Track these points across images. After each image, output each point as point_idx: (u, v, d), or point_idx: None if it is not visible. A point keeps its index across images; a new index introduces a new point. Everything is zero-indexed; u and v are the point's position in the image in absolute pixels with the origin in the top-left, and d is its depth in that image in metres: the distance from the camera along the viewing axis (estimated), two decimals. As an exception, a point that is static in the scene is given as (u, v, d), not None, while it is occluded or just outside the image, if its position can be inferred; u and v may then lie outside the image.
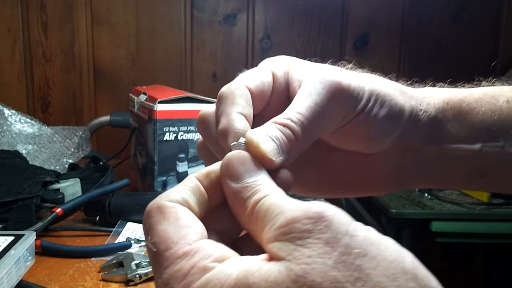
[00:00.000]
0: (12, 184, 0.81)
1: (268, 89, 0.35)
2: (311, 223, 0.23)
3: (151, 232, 0.25)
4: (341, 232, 0.23)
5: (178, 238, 0.25)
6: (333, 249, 0.22)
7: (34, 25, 1.71)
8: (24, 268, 0.58)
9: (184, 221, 0.26)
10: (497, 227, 1.41)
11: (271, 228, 0.24)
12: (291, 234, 0.23)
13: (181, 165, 0.90)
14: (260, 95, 0.34)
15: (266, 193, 0.26)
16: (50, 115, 1.77)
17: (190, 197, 0.28)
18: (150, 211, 0.26)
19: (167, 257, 0.24)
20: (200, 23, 1.75)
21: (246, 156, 0.28)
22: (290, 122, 0.31)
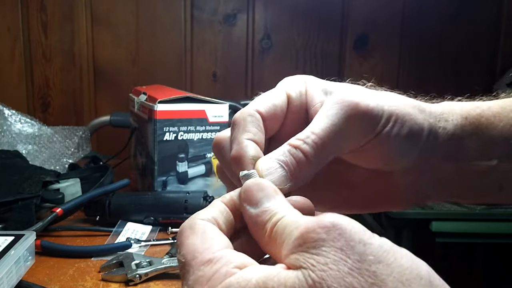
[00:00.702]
0: (12, 184, 0.81)
1: (281, 111, 0.36)
2: (325, 232, 0.23)
3: (181, 246, 0.27)
4: (354, 240, 0.23)
5: (204, 248, 0.26)
6: (347, 256, 0.22)
7: (34, 25, 1.71)
8: (24, 268, 0.58)
9: (210, 233, 0.27)
10: (497, 227, 1.40)
11: (288, 243, 0.25)
12: (306, 245, 0.24)
13: (181, 165, 0.90)
14: (273, 119, 0.35)
15: (283, 214, 0.27)
16: (50, 115, 1.77)
17: (218, 216, 0.29)
18: (182, 229, 0.28)
19: (193, 265, 0.26)
20: (200, 23, 1.75)
21: (263, 183, 0.30)
22: (302, 143, 0.32)
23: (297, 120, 0.36)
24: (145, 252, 0.72)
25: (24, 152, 1.07)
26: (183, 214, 0.80)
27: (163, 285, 0.63)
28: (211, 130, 0.91)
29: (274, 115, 0.35)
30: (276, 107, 0.35)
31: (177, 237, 0.29)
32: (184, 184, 0.91)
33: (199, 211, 0.29)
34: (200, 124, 0.90)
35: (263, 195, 0.29)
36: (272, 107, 0.35)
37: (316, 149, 0.32)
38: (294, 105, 0.36)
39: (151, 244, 0.75)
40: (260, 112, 0.34)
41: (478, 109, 0.38)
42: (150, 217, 0.81)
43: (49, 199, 0.81)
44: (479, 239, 1.53)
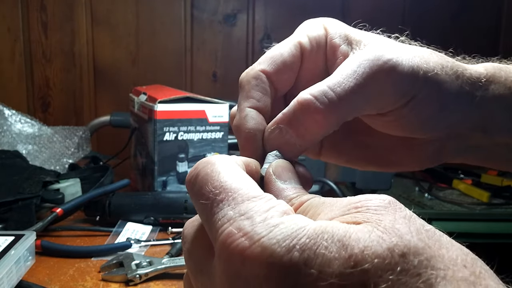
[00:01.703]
0: (12, 184, 0.81)
1: (293, 65, 0.33)
2: (386, 203, 0.23)
3: (217, 174, 0.24)
4: (413, 216, 0.23)
5: (250, 185, 0.24)
6: (411, 223, 0.22)
7: (34, 25, 1.71)
8: (24, 268, 0.58)
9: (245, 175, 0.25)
10: (497, 227, 1.41)
11: (333, 209, 0.23)
12: (366, 207, 0.22)
13: (181, 165, 0.90)
14: (283, 75, 0.33)
15: (313, 195, 0.26)
16: (50, 115, 1.77)
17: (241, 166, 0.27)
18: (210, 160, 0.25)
19: (241, 193, 0.23)
20: (200, 23, 1.75)
21: (293, 168, 0.29)
22: (314, 101, 0.28)
23: (316, 72, 0.33)
24: (145, 252, 0.72)
25: (24, 152, 1.07)
26: (183, 214, 0.80)
27: (163, 285, 0.63)
28: (211, 130, 0.91)
29: (284, 71, 0.32)
30: (286, 62, 0.32)
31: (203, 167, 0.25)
32: (184, 184, 0.91)
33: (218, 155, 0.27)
34: (200, 124, 0.90)
35: (292, 176, 0.28)
36: (281, 63, 0.32)
37: (331, 110, 0.29)
38: (310, 56, 0.33)
39: (151, 244, 0.75)
40: (266, 71, 0.32)
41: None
42: (150, 217, 0.81)
43: (49, 199, 0.81)
44: (479, 239, 1.53)
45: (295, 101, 0.29)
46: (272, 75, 0.32)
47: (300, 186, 0.27)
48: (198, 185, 0.24)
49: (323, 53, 0.33)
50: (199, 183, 0.24)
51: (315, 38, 0.33)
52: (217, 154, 0.90)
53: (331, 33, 0.33)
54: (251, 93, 0.31)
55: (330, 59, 0.33)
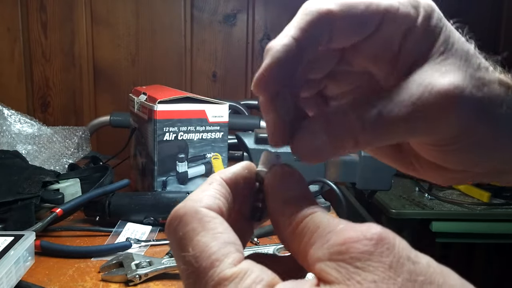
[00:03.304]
0: (12, 184, 0.81)
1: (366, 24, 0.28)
2: (372, 244, 0.21)
3: (189, 242, 0.23)
4: (403, 257, 0.21)
5: (223, 255, 0.22)
6: (396, 275, 0.20)
7: (34, 25, 1.71)
8: (23, 269, 0.58)
9: (226, 236, 0.23)
10: (497, 227, 1.40)
11: (323, 246, 0.22)
12: (349, 254, 0.21)
13: (181, 165, 0.90)
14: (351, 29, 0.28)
15: (313, 210, 0.24)
16: (50, 115, 1.77)
17: (223, 204, 0.25)
18: (184, 216, 0.24)
19: (212, 276, 0.22)
20: (200, 23, 1.75)
21: (292, 171, 0.27)
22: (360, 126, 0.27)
23: (388, 44, 0.29)
24: (145, 252, 0.72)
25: (23, 152, 1.07)
26: (183, 214, 0.80)
27: (163, 285, 0.62)
28: (211, 130, 0.91)
29: (352, 25, 0.28)
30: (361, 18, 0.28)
31: (176, 224, 0.24)
32: (184, 184, 0.91)
33: (200, 194, 0.25)
34: (200, 124, 0.90)
35: (291, 183, 0.26)
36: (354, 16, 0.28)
37: (373, 137, 0.27)
38: (388, 27, 0.28)
39: (151, 244, 0.75)
40: (334, 14, 0.27)
41: None
42: (150, 217, 0.81)
43: (49, 199, 0.81)
44: (479, 239, 1.53)
45: (340, 113, 0.27)
46: (339, 21, 0.28)
47: (300, 195, 0.26)
48: (174, 245, 0.24)
49: (403, 34, 0.28)
50: (173, 243, 0.24)
51: (405, 14, 0.28)
52: (217, 155, 0.90)
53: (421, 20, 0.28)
54: (305, 26, 0.28)
55: (406, 47, 0.29)
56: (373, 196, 1.44)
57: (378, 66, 0.30)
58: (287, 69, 0.28)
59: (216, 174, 0.27)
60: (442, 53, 0.29)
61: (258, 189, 0.28)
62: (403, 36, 0.28)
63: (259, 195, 0.28)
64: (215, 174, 0.27)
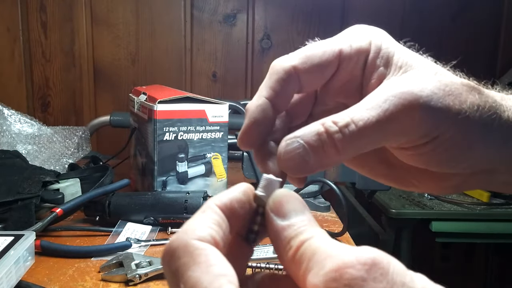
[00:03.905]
0: (12, 184, 0.81)
1: (326, 71, 0.33)
2: (365, 270, 0.21)
3: (181, 278, 0.23)
4: (397, 283, 0.21)
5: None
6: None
7: (34, 25, 1.71)
8: (23, 268, 0.58)
9: (218, 268, 0.23)
10: (497, 227, 1.41)
11: (319, 273, 0.22)
12: (342, 281, 0.21)
13: (181, 165, 0.90)
14: (314, 78, 0.33)
15: (312, 234, 0.25)
16: (50, 115, 1.77)
17: (217, 233, 0.25)
18: (176, 250, 0.24)
19: None
20: (200, 23, 1.75)
21: (293, 195, 0.27)
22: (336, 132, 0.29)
23: (350, 81, 0.33)
24: (145, 252, 0.72)
25: (24, 152, 1.07)
26: (183, 214, 0.80)
27: (163, 285, 0.62)
28: (211, 130, 0.91)
29: (316, 74, 0.33)
30: (321, 66, 0.32)
31: (168, 259, 0.24)
32: (184, 184, 0.91)
33: (193, 225, 0.25)
34: (200, 124, 0.90)
35: (292, 208, 0.26)
36: (315, 66, 0.32)
37: (350, 142, 0.29)
38: (347, 66, 0.33)
39: (151, 244, 0.75)
40: (298, 69, 0.32)
41: None
42: (150, 217, 0.81)
43: (49, 199, 0.81)
44: (479, 239, 1.53)
45: (315, 125, 0.30)
46: (303, 73, 0.32)
47: (300, 218, 0.26)
48: (169, 278, 0.24)
49: (361, 66, 0.33)
50: (168, 277, 0.24)
51: (357, 50, 0.33)
52: (217, 155, 0.90)
53: (373, 50, 0.33)
54: (274, 85, 0.32)
55: (367, 75, 0.33)
56: (373, 196, 1.44)
57: (348, 98, 0.34)
58: (265, 125, 0.32)
59: (211, 200, 0.27)
60: (400, 67, 0.32)
61: (256, 212, 0.28)
62: (362, 67, 0.33)
63: (256, 218, 0.28)
64: (210, 201, 0.27)
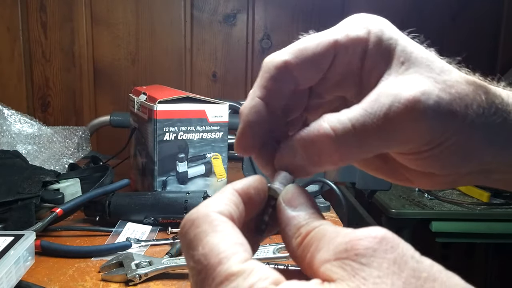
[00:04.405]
0: (12, 184, 0.81)
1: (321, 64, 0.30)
2: (376, 242, 0.22)
3: (199, 242, 0.24)
4: (407, 255, 0.22)
5: (231, 253, 0.23)
6: (401, 270, 0.21)
7: (34, 25, 1.71)
8: (23, 268, 0.58)
9: (235, 237, 0.24)
10: (497, 227, 1.41)
11: (329, 249, 0.23)
12: (354, 251, 0.22)
13: (181, 165, 0.90)
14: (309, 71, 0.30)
15: (321, 223, 0.25)
16: (50, 115, 1.77)
17: (234, 212, 0.26)
18: (196, 220, 0.24)
19: (220, 272, 0.22)
20: (200, 23, 1.75)
21: (304, 191, 0.28)
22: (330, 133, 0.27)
23: (347, 74, 0.31)
24: (145, 252, 0.72)
25: (24, 152, 1.07)
26: (183, 214, 0.80)
27: (163, 285, 0.62)
28: (211, 130, 0.91)
29: (310, 67, 0.30)
30: (315, 59, 0.30)
31: (188, 227, 0.25)
32: (184, 184, 0.91)
33: (213, 200, 0.26)
34: (200, 124, 0.90)
35: (303, 201, 0.27)
36: (309, 59, 0.30)
37: (349, 150, 0.28)
38: (344, 57, 0.30)
39: (151, 244, 0.75)
40: (290, 64, 0.30)
41: None
42: (150, 217, 0.81)
43: (49, 199, 0.81)
44: (479, 239, 1.53)
45: (315, 128, 0.28)
46: (296, 68, 0.30)
47: (310, 211, 0.27)
48: (185, 246, 0.25)
49: (359, 58, 0.30)
50: (184, 244, 0.25)
51: (354, 40, 0.30)
52: (217, 155, 0.90)
53: (372, 41, 0.30)
54: (267, 83, 0.30)
55: (366, 68, 0.30)
56: (373, 196, 1.44)
57: (346, 91, 0.32)
58: (261, 127, 0.30)
59: (229, 185, 0.28)
60: (403, 63, 0.29)
61: (268, 204, 0.29)
62: (361, 58, 0.30)
63: (268, 209, 0.29)
64: (228, 185, 0.28)
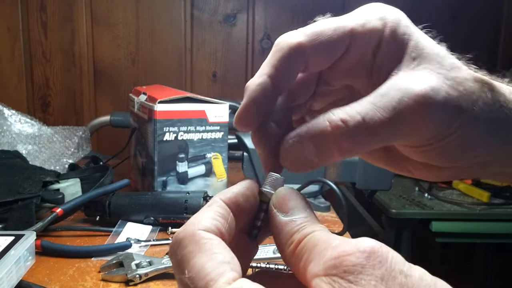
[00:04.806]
0: (12, 184, 0.81)
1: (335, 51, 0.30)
2: (364, 257, 0.21)
3: (186, 265, 0.24)
4: (395, 270, 0.21)
5: (217, 275, 0.23)
6: (388, 287, 0.21)
7: (34, 25, 1.71)
8: (24, 268, 0.58)
9: (222, 256, 0.24)
10: (497, 227, 1.41)
11: (319, 262, 0.23)
12: (342, 268, 0.21)
13: (181, 165, 0.90)
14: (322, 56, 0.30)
15: (313, 229, 0.25)
16: (50, 115, 1.77)
17: (222, 225, 0.26)
18: (183, 240, 0.25)
19: None
20: (200, 23, 1.75)
21: (296, 193, 0.28)
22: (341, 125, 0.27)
23: (360, 62, 0.30)
24: (145, 252, 0.72)
25: (24, 152, 1.07)
26: (183, 214, 0.80)
27: (163, 285, 0.63)
28: (211, 130, 0.91)
29: (324, 52, 0.30)
30: (330, 44, 0.29)
31: (175, 248, 0.25)
32: (184, 184, 0.91)
33: (199, 217, 0.26)
34: (200, 124, 0.90)
35: (295, 205, 0.27)
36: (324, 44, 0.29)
37: (358, 142, 0.28)
38: (358, 47, 0.30)
39: (151, 244, 0.75)
40: (304, 46, 0.29)
41: None
42: (150, 217, 0.81)
43: (49, 199, 0.81)
44: (479, 239, 1.53)
45: (324, 120, 0.28)
46: (310, 51, 0.29)
47: (303, 215, 0.26)
48: (174, 267, 0.25)
49: (373, 49, 0.30)
50: (174, 266, 0.25)
51: (370, 31, 0.30)
52: (217, 155, 0.90)
53: (388, 33, 0.30)
54: (277, 62, 0.29)
55: (378, 60, 0.30)
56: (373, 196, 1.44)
57: (355, 80, 0.32)
58: (265, 105, 0.30)
59: (216, 195, 0.28)
60: (414, 58, 0.30)
61: (260, 208, 0.29)
62: (374, 50, 0.30)
63: (260, 214, 0.29)
64: (216, 196, 0.28)
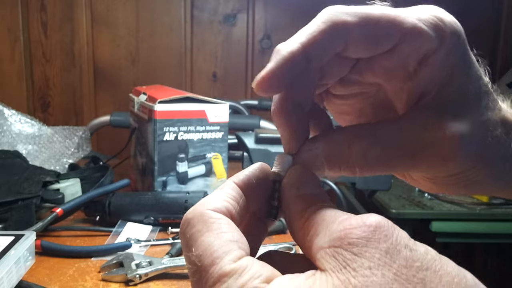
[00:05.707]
0: (12, 184, 0.81)
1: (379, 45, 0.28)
2: (370, 231, 0.22)
3: (194, 243, 0.24)
4: (400, 244, 0.21)
5: (224, 253, 0.23)
6: (392, 261, 0.21)
7: (34, 25, 1.71)
8: (24, 268, 0.58)
9: (230, 234, 0.24)
10: (497, 227, 1.41)
11: (325, 235, 0.23)
12: (347, 240, 0.22)
13: (181, 165, 0.90)
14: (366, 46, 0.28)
15: (323, 205, 0.25)
16: (50, 115, 1.77)
17: (233, 207, 0.26)
18: (192, 219, 0.25)
19: (212, 273, 0.22)
20: (200, 23, 1.76)
21: (308, 171, 0.28)
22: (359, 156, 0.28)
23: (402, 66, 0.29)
24: (145, 252, 0.72)
25: (24, 152, 1.07)
26: (183, 214, 0.80)
27: (163, 285, 0.63)
28: (211, 130, 0.91)
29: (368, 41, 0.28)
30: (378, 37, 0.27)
31: (184, 227, 0.25)
32: (184, 184, 0.91)
33: (210, 198, 0.26)
34: (200, 124, 0.90)
35: (307, 181, 0.27)
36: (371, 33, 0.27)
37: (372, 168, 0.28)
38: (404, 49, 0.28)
39: (151, 244, 0.75)
40: (350, 25, 0.27)
41: None
42: (150, 217, 0.81)
43: (49, 199, 0.81)
44: (479, 239, 1.53)
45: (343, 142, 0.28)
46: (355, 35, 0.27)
47: (314, 192, 0.27)
48: (183, 246, 0.25)
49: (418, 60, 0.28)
50: (183, 245, 0.25)
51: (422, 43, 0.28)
52: (217, 155, 0.90)
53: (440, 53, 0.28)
54: (317, 34, 0.27)
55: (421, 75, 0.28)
56: (373, 196, 1.44)
57: (389, 82, 0.30)
58: (291, 75, 0.28)
59: (229, 178, 0.28)
60: (455, 91, 0.29)
61: (274, 188, 0.29)
62: (421, 60, 0.28)
63: (275, 194, 0.29)
64: (229, 179, 0.28)
